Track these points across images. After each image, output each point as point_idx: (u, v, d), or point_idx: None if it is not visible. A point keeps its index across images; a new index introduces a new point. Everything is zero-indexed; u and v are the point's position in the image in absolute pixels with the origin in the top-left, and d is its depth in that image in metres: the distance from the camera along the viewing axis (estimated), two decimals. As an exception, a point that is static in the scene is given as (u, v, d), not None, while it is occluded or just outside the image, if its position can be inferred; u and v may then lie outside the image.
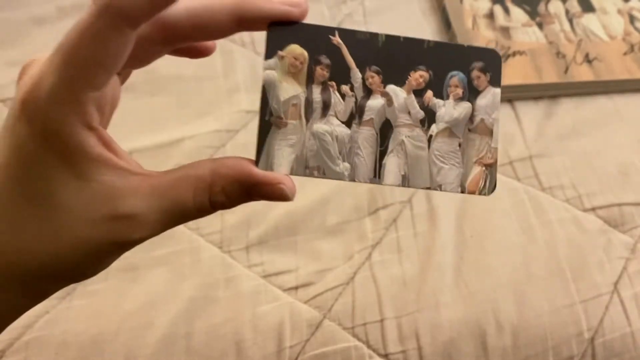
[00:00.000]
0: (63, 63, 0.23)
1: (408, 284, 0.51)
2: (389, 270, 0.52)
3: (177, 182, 0.26)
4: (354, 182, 0.28)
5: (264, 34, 0.27)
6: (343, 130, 0.28)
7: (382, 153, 0.28)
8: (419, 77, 0.28)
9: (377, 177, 0.28)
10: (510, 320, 0.49)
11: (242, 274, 0.52)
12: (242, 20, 0.26)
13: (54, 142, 0.23)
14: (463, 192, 0.28)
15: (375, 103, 0.28)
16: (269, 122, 0.28)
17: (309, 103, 0.28)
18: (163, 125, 0.61)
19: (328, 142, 0.28)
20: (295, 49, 0.28)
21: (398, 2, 0.76)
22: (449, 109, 0.29)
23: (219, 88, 0.65)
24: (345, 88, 0.28)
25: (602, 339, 0.49)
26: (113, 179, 0.24)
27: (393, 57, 0.28)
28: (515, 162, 0.60)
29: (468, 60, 0.29)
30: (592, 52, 0.69)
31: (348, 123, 0.28)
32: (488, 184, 0.28)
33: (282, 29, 0.27)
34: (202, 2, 0.26)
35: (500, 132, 0.62)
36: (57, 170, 0.24)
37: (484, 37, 0.70)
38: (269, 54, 0.28)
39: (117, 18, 0.22)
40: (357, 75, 0.28)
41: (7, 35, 0.69)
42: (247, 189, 0.26)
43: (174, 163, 0.58)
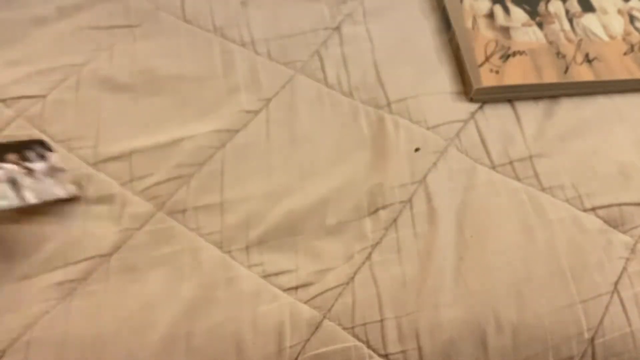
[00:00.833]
0: None
1: (408, 284, 0.51)
2: (389, 270, 0.52)
3: None
4: None
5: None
6: None
7: None
8: None
9: None
10: (510, 320, 0.49)
11: (242, 274, 0.52)
12: None
13: None
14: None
15: None
16: None
17: None
18: (163, 125, 0.61)
19: None
20: None
21: (398, 2, 0.76)
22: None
23: (219, 88, 0.65)
24: None
25: (602, 339, 0.49)
26: None
27: None
28: (515, 162, 0.60)
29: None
30: (592, 52, 0.69)
31: None
32: None
33: None
34: None
35: (501, 131, 0.62)
36: None
37: (484, 36, 0.70)
38: None
39: None
40: None
41: (7, 35, 0.69)
42: None
43: (174, 163, 0.58)
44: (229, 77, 0.66)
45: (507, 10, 0.73)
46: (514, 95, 0.66)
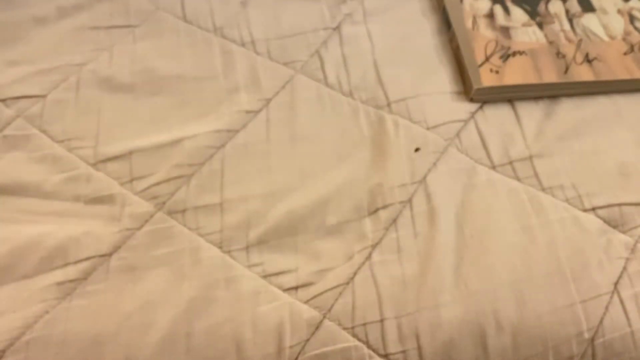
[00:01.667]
0: None
1: (408, 284, 0.51)
2: (389, 270, 0.52)
3: None
4: None
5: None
6: None
7: None
8: None
9: None
10: (510, 320, 0.49)
11: (242, 274, 0.52)
12: None
13: None
14: None
15: None
16: None
17: None
18: (163, 125, 0.61)
19: None
20: None
21: (398, 2, 0.76)
22: None
23: (219, 88, 0.65)
24: None
25: (602, 339, 0.49)
26: None
27: None
28: (515, 162, 0.60)
29: None
30: (592, 52, 0.69)
31: None
32: None
33: None
34: None
35: (501, 131, 0.62)
36: None
37: (484, 36, 0.70)
38: None
39: None
40: None
41: (7, 35, 0.69)
42: None
43: (174, 163, 0.58)
44: (229, 77, 0.66)
45: (507, 10, 0.73)
46: (514, 95, 0.66)
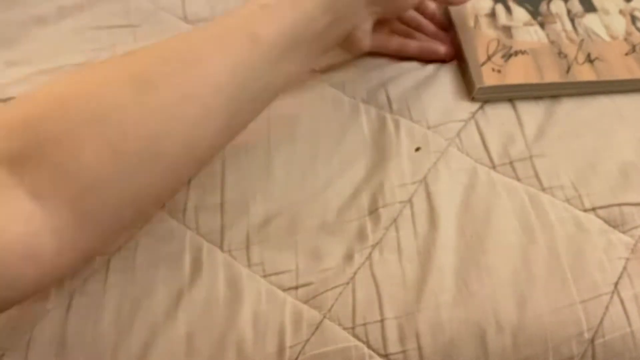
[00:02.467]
0: None
1: (408, 284, 0.51)
2: (389, 270, 0.52)
3: None
4: None
5: None
6: None
7: None
8: None
9: None
10: (510, 321, 0.49)
11: (242, 274, 0.52)
12: None
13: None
14: None
15: None
16: None
17: None
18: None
19: None
20: None
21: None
22: None
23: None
24: None
25: (602, 339, 0.49)
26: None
27: None
28: (515, 162, 0.60)
29: None
30: (593, 52, 0.69)
31: None
32: None
33: None
34: None
35: (501, 130, 0.62)
36: None
37: (486, 35, 0.70)
38: None
39: None
40: None
41: (7, 35, 0.69)
42: None
43: (174, 163, 0.58)
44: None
45: (509, 10, 0.73)
46: (516, 95, 0.66)
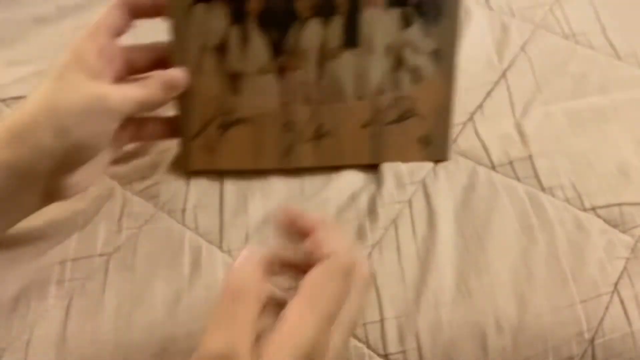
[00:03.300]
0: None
1: (408, 284, 0.51)
2: (389, 270, 0.52)
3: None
4: None
5: None
6: None
7: None
8: None
9: None
10: (510, 321, 0.49)
11: (242, 274, 0.52)
12: None
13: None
14: None
15: None
16: None
17: None
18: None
19: None
20: None
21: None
22: None
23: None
24: None
25: (602, 339, 0.49)
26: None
27: None
28: (515, 162, 0.60)
29: None
30: (328, 121, 0.54)
31: None
32: None
33: None
34: None
35: (500, 131, 0.62)
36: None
37: (208, 88, 0.53)
38: None
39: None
40: None
41: (7, 35, 0.69)
42: None
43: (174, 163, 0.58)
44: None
45: (245, 39, 0.51)
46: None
